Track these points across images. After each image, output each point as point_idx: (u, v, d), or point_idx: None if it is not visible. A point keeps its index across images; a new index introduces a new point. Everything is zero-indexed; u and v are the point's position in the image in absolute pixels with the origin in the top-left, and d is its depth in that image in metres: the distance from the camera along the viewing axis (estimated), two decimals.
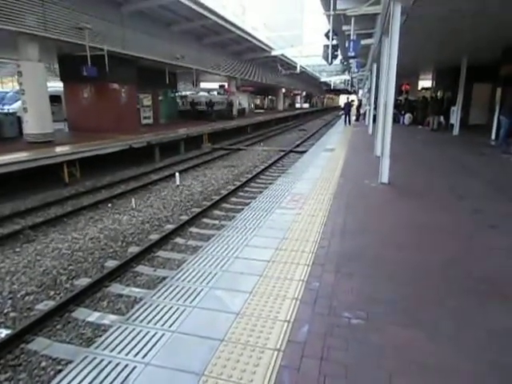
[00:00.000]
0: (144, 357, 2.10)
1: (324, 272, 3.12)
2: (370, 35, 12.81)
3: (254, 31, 22.84)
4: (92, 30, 12.58)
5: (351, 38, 9.36)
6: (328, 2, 8.98)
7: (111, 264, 5.62)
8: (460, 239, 4.02)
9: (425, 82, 24.66)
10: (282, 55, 28.80)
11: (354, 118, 25.06)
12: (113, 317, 4.30)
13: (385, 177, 6.39)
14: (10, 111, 16.40)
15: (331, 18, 9.11)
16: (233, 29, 19.47)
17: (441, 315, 2.52)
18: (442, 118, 17.01)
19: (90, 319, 4.29)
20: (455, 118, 15.10)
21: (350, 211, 4.92)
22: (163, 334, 2.30)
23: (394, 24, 5.82)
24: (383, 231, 4.23)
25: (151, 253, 6.02)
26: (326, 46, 9.73)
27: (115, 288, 4.97)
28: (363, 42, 12.95)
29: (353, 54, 9.59)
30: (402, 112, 20.36)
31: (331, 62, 10.12)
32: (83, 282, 5.09)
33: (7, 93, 25.21)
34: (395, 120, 20.20)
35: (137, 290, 4.92)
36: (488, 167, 8.75)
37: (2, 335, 3.93)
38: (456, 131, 14.93)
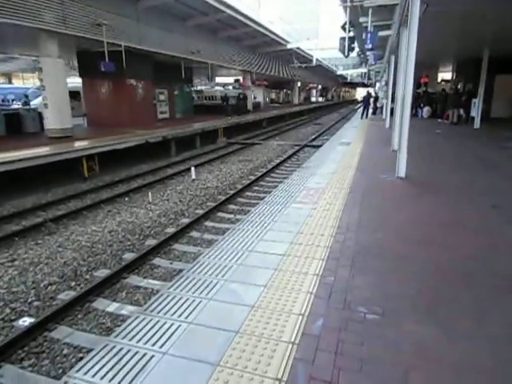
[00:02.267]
0: (161, 346, 2.16)
1: (339, 266, 3.12)
2: (388, 26, 12.51)
3: (269, 24, 22.66)
4: (109, 25, 12.74)
5: (368, 29, 9.18)
6: None
7: (129, 256, 5.75)
8: (479, 235, 3.94)
9: (444, 74, 24.03)
10: (298, 48, 28.52)
11: (370, 111, 24.67)
12: (131, 307, 4.41)
13: (402, 171, 6.29)
14: (32, 107, 16.87)
15: (348, 9, 8.95)
16: (248, 22, 19.36)
17: (459, 312, 2.49)
18: (461, 111, 16.56)
19: (109, 309, 4.41)
20: (476, 110, 14.68)
21: (365, 206, 4.88)
22: (180, 325, 2.35)
23: (413, 14, 5.68)
24: (399, 226, 4.18)
25: (168, 246, 6.13)
26: (343, 39, 9.59)
27: (133, 280, 5.09)
28: (381, 33, 12.70)
29: (370, 47, 9.42)
30: (421, 105, 19.93)
31: (348, 55, 9.98)
32: (102, 273, 5.23)
33: (28, 89, 25.89)
34: (414, 113, 19.89)
35: (154, 281, 5.03)
36: (509, 161, 8.50)
37: (26, 323, 4.09)
38: (477, 124, 14.52)
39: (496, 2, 7.21)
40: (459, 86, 18.57)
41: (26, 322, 4.16)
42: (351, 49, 9.82)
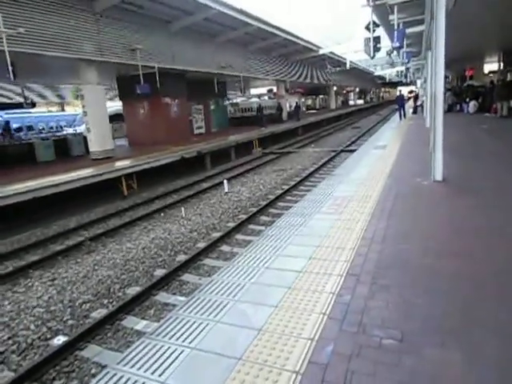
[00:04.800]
0: (161, 375, 2.09)
1: (358, 283, 2.89)
2: (421, 21, 11.95)
3: (299, 32, 22.55)
4: (143, 49, 13.37)
5: (395, 27, 8.77)
6: None
7: (160, 273, 5.84)
8: None
9: (491, 66, 22.38)
10: (331, 53, 28.08)
11: (411, 110, 23.57)
12: (157, 325, 4.42)
13: (438, 174, 5.82)
14: (78, 131, 18.10)
15: (372, 9, 8.63)
16: (277, 32, 19.41)
17: (488, 337, 2.17)
18: None
19: (137, 327, 4.47)
20: None
21: (394, 214, 4.55)
22: (182, 351, 2.28)
23: (440, 6, 5.31)
24: (430, 236, 3.80)
25: (198, 261, 6.16)
26: (368, 39, 9.22)
27: (162, 297, 5.15)
28: (414, 29, 12.14)
29: (397, 45, 8.97)
30: (466, 100, 18.68)
31: (373, 56, 9.57)
32: (133, 290, 5.34)
33: (77, 115, 27.88)
34: (459, 109, 18.66)
35: (181, 298, 5.04)
36: None
37: (60, 342, 4.25)
38: None
39: None
40: (508, 76, 17.17)
41: (60, 340, 4.33)
42: (377, 49, 9.41)
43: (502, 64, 18.70)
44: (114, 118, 18.30)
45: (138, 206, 10.13)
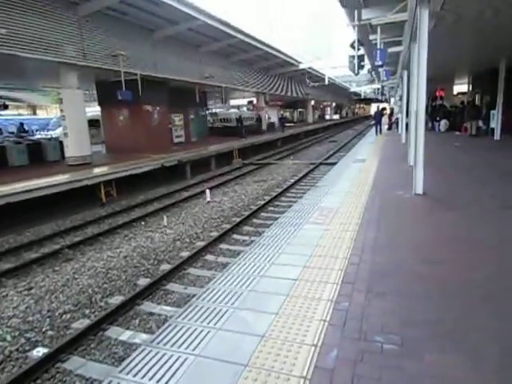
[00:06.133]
0: (167, 382, 2.06)
1: (354, 291, 2.97)
2: (398, 43, 12.55)
3: (280, 46, 23.07)
4: (126, 56, 13.24)
5: (378, 47, 9.18)
6: (353, 12, 8.91)
7: (143, 282, 5.71)
8: (504, 253, 3.70)
9: (460, 87, 23.68)
10: (310, 68, 28.85)
11: (386, 126, 24.46)
12: (144, 335, 4.33)
13: (419, 187, 6.09)
14: (53, 136, 17.54)
15: (356, 28, 9.01)
16: (259, 45, 19.79)
17: (484, 339, 2.29)
18: (480, 123, 16.16)
19: (122, 338, 4.34)
20: (496, 122, 14.30)
21: (381, 225, 4.71)
22: (186, 358, 2.25)
23: (422, 30, 5.63)
24: (418, 246, 3.99)
25: (182, 270, 6.07)
26: (352, 57, 9.58)
27: (147, 306, 5.04)
28: (392, 49, 12.71)
29: (380, 63, 9.39)
30: (437, 118, 19.62)
31: (358, 73, 9.94)
32: (117, 300, 5.20)
33: (51, 119, 27.04)
34: (431, 127, 19.56)
35: (167, 308, 4.96)
36: None
37: (40, 354, 4.06)
38: (497, 136, 14.11)
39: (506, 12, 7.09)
40: (477, 98, 18.23)
41: (39, 352, 4.13)
42: (361, 67, 9.79)
43: (470, 86, 19.85)
44: (90, 123, 17.88)
45: (118, 213, 9.89)
